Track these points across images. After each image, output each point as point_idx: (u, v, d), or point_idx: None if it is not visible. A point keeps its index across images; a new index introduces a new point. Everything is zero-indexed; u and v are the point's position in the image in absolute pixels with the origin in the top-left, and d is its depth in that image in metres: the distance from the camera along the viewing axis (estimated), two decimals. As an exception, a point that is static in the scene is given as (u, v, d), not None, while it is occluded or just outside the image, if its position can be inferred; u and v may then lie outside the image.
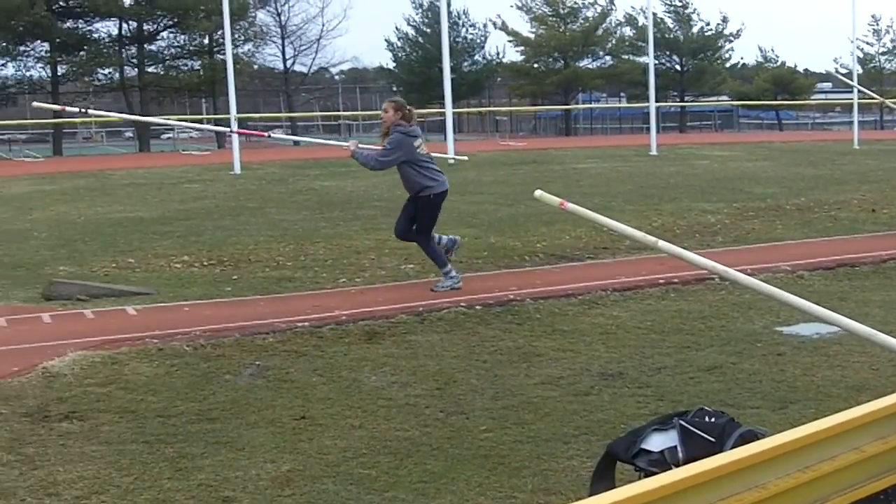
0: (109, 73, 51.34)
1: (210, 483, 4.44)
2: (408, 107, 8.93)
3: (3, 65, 49.23)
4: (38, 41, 48.30)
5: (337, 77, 71.03)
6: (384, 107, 9.00)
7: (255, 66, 55.76)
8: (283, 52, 56.74)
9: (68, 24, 48.76)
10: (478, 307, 7.91)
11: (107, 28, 49.66)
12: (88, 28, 49.67)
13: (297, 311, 7.92)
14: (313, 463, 4.69)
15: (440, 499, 4.27)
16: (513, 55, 59.51)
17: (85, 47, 48.71)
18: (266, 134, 9.62)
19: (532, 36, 57.98)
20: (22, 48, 48.80)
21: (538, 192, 4.67)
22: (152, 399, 5.71)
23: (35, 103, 16.93)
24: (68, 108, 6.89)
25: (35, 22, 44.70)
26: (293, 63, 57.51)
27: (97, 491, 4.37)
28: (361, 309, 7.97)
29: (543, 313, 7.75)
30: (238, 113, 28.30)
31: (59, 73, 49.71)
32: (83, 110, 7.07)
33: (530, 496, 4.29)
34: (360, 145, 9.34)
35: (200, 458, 4.76)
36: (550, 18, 57.90)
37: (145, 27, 50.13)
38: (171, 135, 59.95)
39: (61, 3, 48.06)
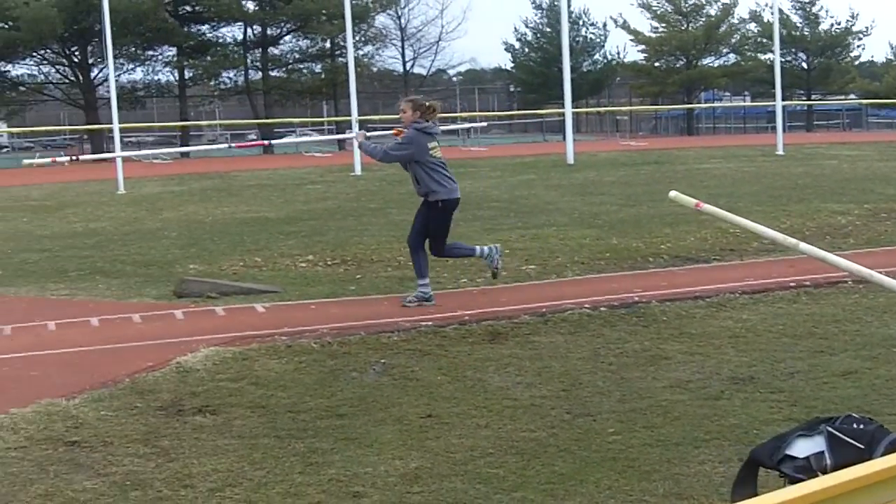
0: (234, 76, 52.56)
1: (340, 478, 4.50)
2: (428, 104, 8.44)
3: (131, 69, 50.90)
4: (166, 46, 49.78)
5: (455, 79, 71.33)
6: (402, 106, 8.43)
7: (375, 69, 56.43)
8: (403, 55, 57.30)
9: (195, 28, 50.10)
10: (602, 309, 7.82)
11: (232, 33, 50.93)
12: (214, 33, 50.97)
13: (420, 311, 7.96)
14: (441, 461, 4.70)
15: (569, 500, 4.23)
16: (634, 54, 58.91)
17: (211, 51, 49.99)
18: (267, 142, 9.40)
19: (653, 35, 57.23)
20: (150, 53, 50.40)
21: (673, 193, 4.60)
22: (282, 395, 5.81)
23: (26, 161, 17.67)
24: (58, 160, 7.10)
25: (162, 27, 46.08)
26: (412, 65, 58.01)
27: (231, 484, 4.46)
28: (484, 309, 7.97)
29: (670, 316, 7.62)
30: (358, 115, 28.63)
31: (185, 77, 51.11)
32: (74, 158, 7.34)
33: (661, 500, 4.22)
34: (367, 135, 9.18)
35: (330, 453, 4.82)
36: (672, 17, 57.06)
37: (269, 31, 51.20)
38: (292, 137, 61.06)
39: (188, 9, 49.44)
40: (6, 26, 44.75)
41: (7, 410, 5.52)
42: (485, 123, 46.15)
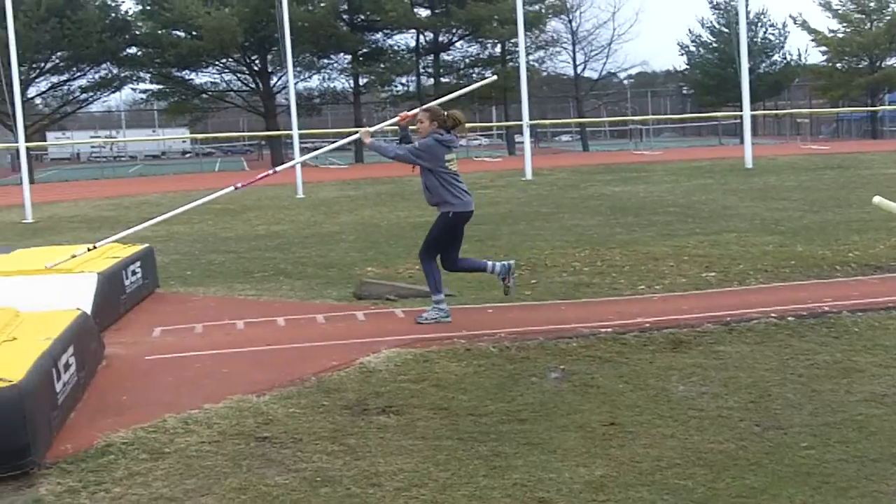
0: (406, 83, 53.37)
1: (525, 483, 4.48)
2: (447, 114, 8.10)
3: (308, 77, 52.34)
4: (341, 53, 51.00)
5: (626, 82, 70.53)
6: (419, 117, 8.12)
7: (545, 73, 56.35)
8: (574, 58, 56.99)
9: (368, 36, 51.12)
10: (790, 318, 7.55)
11: (405, 40, 51.72)
12: (387, 40, 51.88)
13: (598, 317, 7.87)
14: (626, 470, 4.62)
15: (762, 516, 4.09)
16: (815, 56, 56.88)
17: (384, 58, 50.92)
18: (272, 171, 8.99)
19: (834, 35, 55.09)
20: (325, 61, 51.73)
21: (877, 199, 4.40)
22: (463, 397, 5.84)
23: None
24: (77, 253, 7.33)
25: (337, 35, 47.21)
26: (583, 68, 57.63)
27: (416, 484, 4.50)
28: (664, 317, 7.81)
29: (862, 327, 7.29)
30: (528, 119, 28.63)
31: (360, 84, 52.20)
32: (92, 247, 7.51)
33: (861, 520, 4.03)
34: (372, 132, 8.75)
35: (514, 457, 4.81)
36: (855, 16, 54.79)
37: (441, 38, 51.77)
38: (461, 142, 61.57)
39: (362, 17, 50.51)
40: (190, 36, 46.77)
41: (201, 406, 5.74)
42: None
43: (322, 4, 45.86)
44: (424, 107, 8.25)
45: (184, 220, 18.59)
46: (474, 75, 53.16)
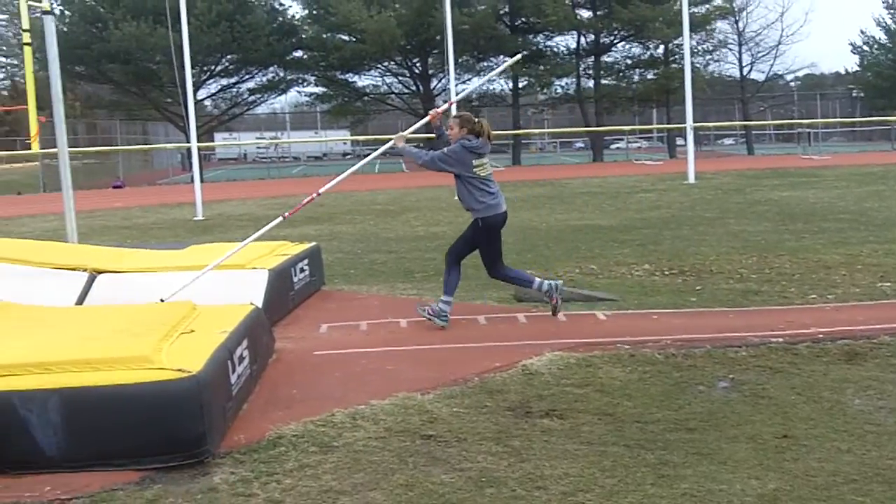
0: (566, 84, 53.16)
1: (694, 493, 4.37)
2: (477, 121, 8.09)
3: (467, 80, 52.70)
4: (501, 56, 51.17)
5: (792, 84, 68.38)
6: (449, 123, 8.15)
7: (707, 75, 55.20)
8: (740, 59, 55.64)
9: (529, 38, 51.15)
10: (976, 332, 7.17)
11: (565, 42, 51.54)
12: (548, 42, 51.80)
13: (767, 326, 7.64)
14: (800, 484, 4.46)
15: (950, 540, 3.88)
16: None
17: (544, 60, 50.85)
18: (315, 194, 8.76)
19: None
20: (485, 63, 52.00)
21: None
22: (628, 404, 5.76)
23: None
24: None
25: (498, 38, 47.39)
26: (749, 70, 56.18)
27: (582, 489, 4.45)
28: (838, 327, 7.52)
29: None
30: (692, 122, 28.07)
31: (519, 86, 52.27)
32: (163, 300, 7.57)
33: None
34: (406, 137, 8.63)
35: (682, 466, 4.71)
36: None
37: (602, 39, 51.36)
38: (620, 144, 61.02)
39: (523, 20, 50.58)
40: (353, 39, 47.79)
41: (367, 402, 5.83)
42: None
43: (482, 7, 46.11)
44: (456, 114, 8.22)
45: (347, 219, 19.03)
46: (636, 77, 52.59)
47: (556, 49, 51.95)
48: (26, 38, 10.05)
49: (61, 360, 4.99)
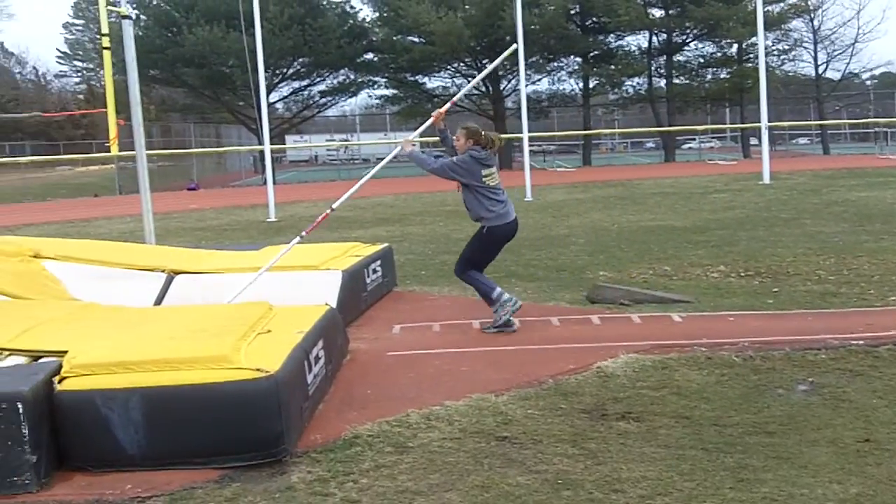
0: (637, 84, 52.76)
1: (774, 497, 4.31)
2: (484, 133, 8.03)
3: (537, 80, 52.60)
4: (571, 56, 50.98)
5: (868, 83, 67.01)
6: (456, 135, 8.07)
7: (782, 74, 54.40)
8: (815, 58, 54.69)
9: (600, 38, 50.87)
10: None
11: (637, 41, 51.17)
12: (619, 42, 51.47)
13: (847, 328, 7.48)
14: (884, 489, 4.37)
15: None
16: None
17: (615, 60, 50.53)
18: (329, 210, 8.65)
19: None
20: (555, 63, 51.82)
21: None
22: (705, 407, 5.68)
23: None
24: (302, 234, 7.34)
25: (568, 38, 47.20)
26: (825, 69, 55.20)
27: (660, 493, 4.41)
28: (922, 330, 7.35)
29: None
30: (767, 121, 27.67)
31: (589, 86, 52.00)
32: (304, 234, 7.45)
33: None
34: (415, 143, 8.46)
35: (762, 470, 4.64)
36: None
37: (674, 38, 50.89)
38: (692, 144, 60.36)
39: (594, 20, 50.30)
40: (422, 41, 47.97)
41: (442, 402, 5.84)
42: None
43: (551, 7, 45.96)
44: (463, 125, 8.16)
45: (417, 221, 19.09)
46: (708, 76, 51.98)
47: (627, 48, 51.58)
48: (105, 42, 10.24)
49: (142, 359, 5.08)
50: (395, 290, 10.33)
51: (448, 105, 8.63)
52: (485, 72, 10.81)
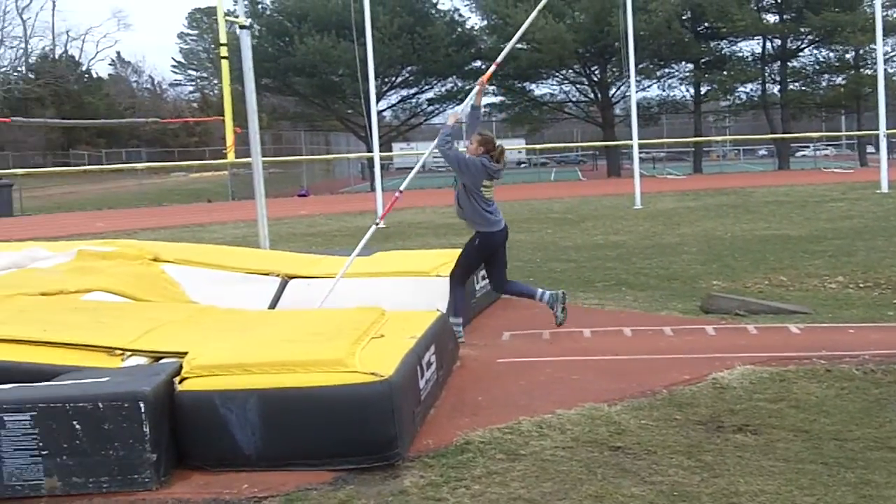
0: (750, 90, 51.80)
1: (900, 517, 4.17)
2: (496, 144, 8.10)
3: (647, 87, 52.02)
4: (683, 62, 50.26)
5: None
6: (472, 138, 8.09)
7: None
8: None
9: (712, 44, 50.09)
10: None
11: (750, 47, 50.24)
12: (731, 48, 50.61)
13: (976, 343, 7.20)
14: None
15: None
16: None
17: (727, 66, 49.68)
18: (398, 194, 8.62)
19: None
20: (666, 70, 51.19)
21: None
22: (825, 420, 5.53)
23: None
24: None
25: (679, 43, 46.57)
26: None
27: (779, 507, 4.31)
28: None
29: None
30: (885, 129, 26.86)
31: (701, 93, 51.24)
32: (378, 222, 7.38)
33: None
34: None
35: (885, 487, 4.49)
36: None
37: (789, 44, 49.81)
38: (806, 152, 58.93)
39: (706, 25, 49.57)
40: (530, 48, 47.87)
41: (553, 411, 5.81)
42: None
43: (660, 14, 45.42)
44: (478, 132, 8.20)
45: (524, 228, 19.04)
46: (824, 82, 50.73)
47: (739, 54, 50.67)
48: (223, 51, 10.49)
49: (260, 361, 5.17)
50: (503, 298, 10.30)
51: (493, 68, 8.64)
52: (520, 31, 10.40)
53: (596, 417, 5.69)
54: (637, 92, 28.18)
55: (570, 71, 51.85)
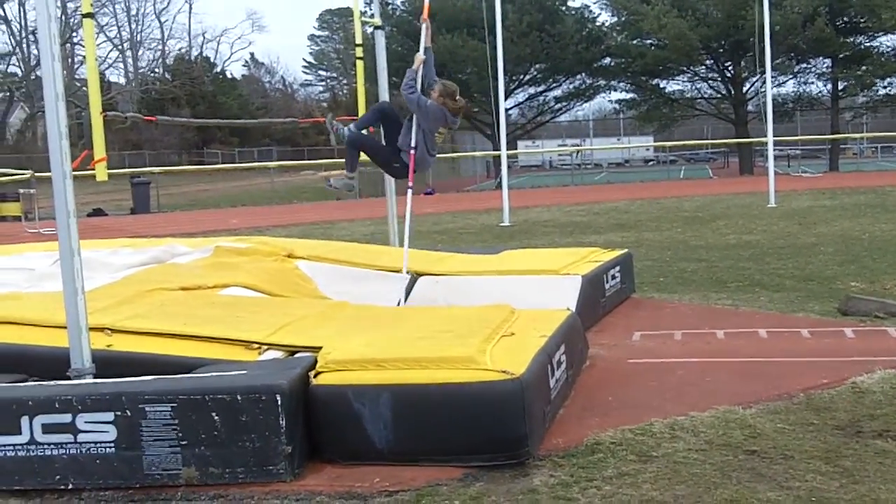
0: (889, 86, 50.06)
1: None
2: (457, 98, 8.66)
3: (782, 82, 50.71)
4: (820, 57, 48.83)
5: None
6: (435, 87, 8.65)
7: None
8: None
9: (852, 39, 48.52)
10: None
11: (891, 41, 48.47)
12: (871, 42, 48.95)
13: None
14: None
15: None
16: None
17: (866, 61, 48.05)
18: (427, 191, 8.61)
19: None
20: (803, 65, 49.80)
21: None
22: (975, 431, 5.31)
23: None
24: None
25: (818, 38, 45.23)
26: None
27: (925, 519, 4.15)
28: None
29: None
30: None
31: (839, 89, 49.72)
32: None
33: None
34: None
35: None
36: None
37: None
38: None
39: (845, 20, 48.05)
40: (656, 46, 47.23)
41: (686, 413, 5.71)
42: None
43: (797, 10, 44.15)
44: (443, 82, 8.74)
45: (653, 227, 18.81)
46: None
47: (879, 49, 48.89)
48: (359, 52, 10.66)
49: (392, 357, 5.23)
50: (633, 297, 10.20)
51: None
52: None
53: (730, 420, 5.58)
54: (773, 87, 27.51)
55: (702, 67, 50.90)
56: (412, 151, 8.74)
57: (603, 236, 17.24)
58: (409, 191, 9.30)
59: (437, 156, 9.06)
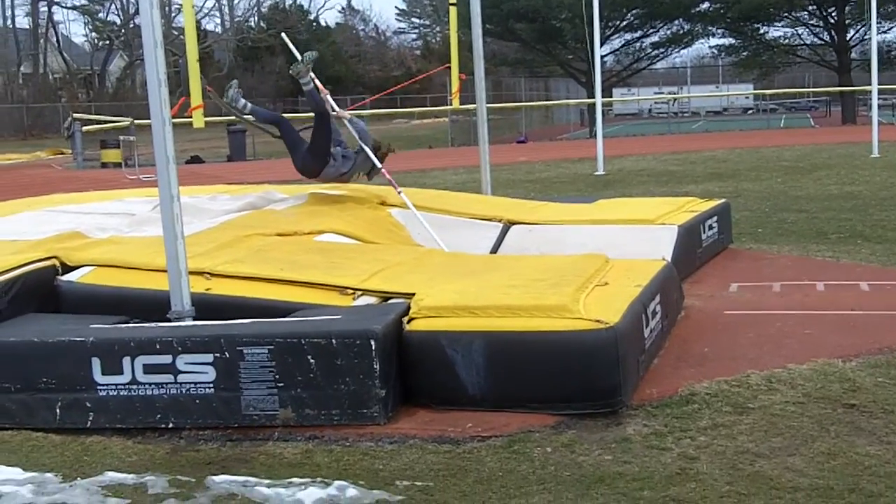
0: None
1: None
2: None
3: (888, 28, 48.98)
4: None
5: None
6: None
7: None
8: None
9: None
10: None
11: None
12: None
13: None
14: None
15: None
16: None
17: None
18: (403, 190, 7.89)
19: None
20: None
21: None
22: None
23: None
24: None
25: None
26: None
27: None
28: None
29: None
30: None
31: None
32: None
33: None
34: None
35: None
36: None
37: None
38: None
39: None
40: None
41: (784, 365, 5.62)
42: None
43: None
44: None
45: (752, 176, 18.41)
46: None
47: None
48: (452, -1, 10.60)
49: (485, 304, 5.24)
50: (730, 248, 10.02)
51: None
52: None
53: (829, 373, 5.47)
54: (878, 34, 26.51)
55: (804, 12, 49.36)
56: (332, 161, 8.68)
57: (700, 186, 16.92)
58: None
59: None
